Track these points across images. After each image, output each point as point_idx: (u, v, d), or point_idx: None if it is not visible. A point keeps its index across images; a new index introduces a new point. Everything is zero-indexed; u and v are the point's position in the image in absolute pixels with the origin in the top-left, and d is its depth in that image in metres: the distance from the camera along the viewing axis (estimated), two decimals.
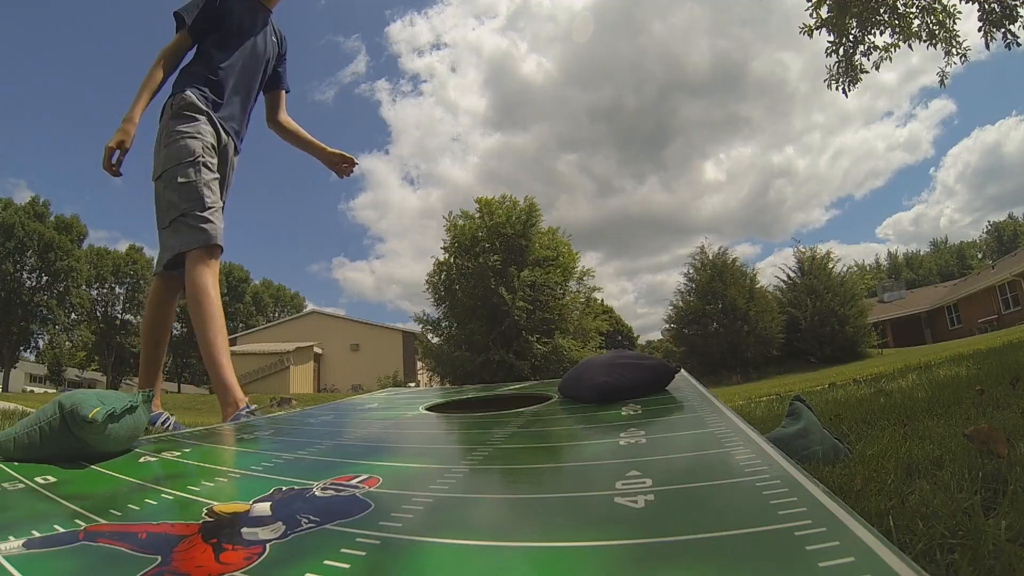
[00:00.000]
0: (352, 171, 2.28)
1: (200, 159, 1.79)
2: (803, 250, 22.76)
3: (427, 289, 19.02)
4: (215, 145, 1.89)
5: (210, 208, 1.77)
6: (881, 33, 5.29)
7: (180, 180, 1.76)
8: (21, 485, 0.60)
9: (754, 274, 22.16)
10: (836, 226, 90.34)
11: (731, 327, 20.49)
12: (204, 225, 1.75)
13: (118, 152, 1.75)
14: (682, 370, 1.00)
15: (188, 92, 1.84)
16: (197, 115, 1.84)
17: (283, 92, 2.22)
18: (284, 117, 2.23)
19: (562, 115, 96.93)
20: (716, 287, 21.33)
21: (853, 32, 5.25)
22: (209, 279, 1.77)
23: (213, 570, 0.35)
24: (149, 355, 1.94)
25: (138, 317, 44.13)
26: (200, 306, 1.73)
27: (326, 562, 0.34)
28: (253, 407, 1.67)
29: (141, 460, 0.73)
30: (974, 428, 1.00)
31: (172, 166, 1.78)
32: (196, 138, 1.81)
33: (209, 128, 1.86)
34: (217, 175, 1.86)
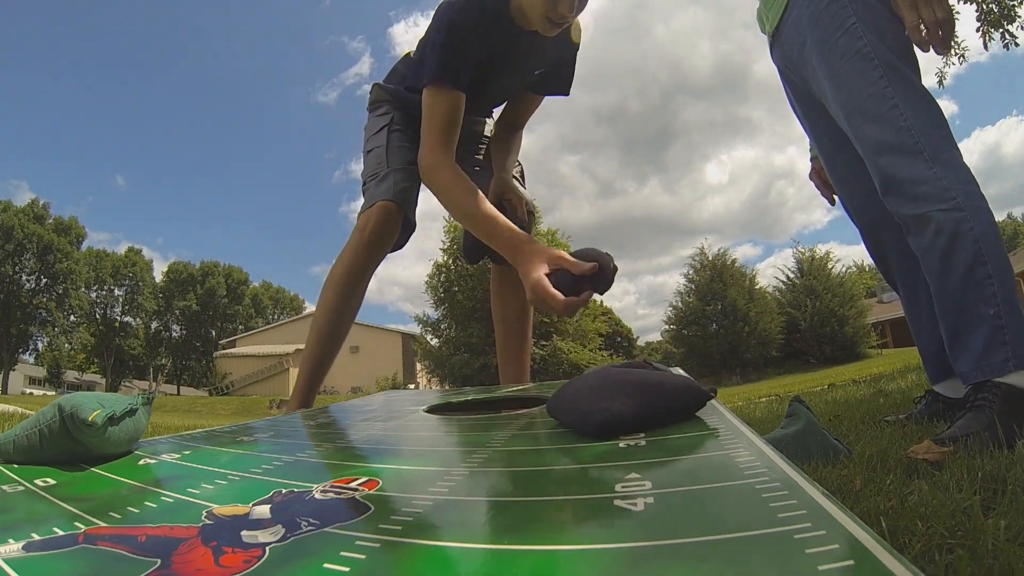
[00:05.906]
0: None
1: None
2: (802, 251, 22.77)
3: (426, 291, 19.04)
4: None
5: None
6: None
7: None
8: (21, 488, 0.60)
9: (754, 275, 22.17)
10: (837, 227, 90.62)
11: (731, 328, 20.48)
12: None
13: None
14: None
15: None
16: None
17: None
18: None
19: (565, 117, 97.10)
20: (716, 288, 21.31)
21: None
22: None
23: (213, 573, 0.35)
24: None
25: (137, 320, 43.88)
26: None
27: (326, 565, 0.34)
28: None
29: (141, 463, 0.73)
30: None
31: None
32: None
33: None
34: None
